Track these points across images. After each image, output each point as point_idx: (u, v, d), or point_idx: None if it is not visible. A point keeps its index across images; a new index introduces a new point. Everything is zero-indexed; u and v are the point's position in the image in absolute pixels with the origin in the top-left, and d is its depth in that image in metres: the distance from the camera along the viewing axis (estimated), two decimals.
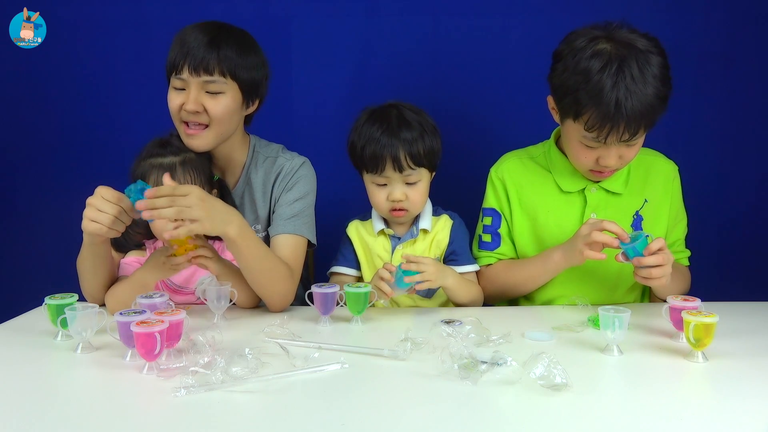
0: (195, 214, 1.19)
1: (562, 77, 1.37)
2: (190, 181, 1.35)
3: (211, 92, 1.41)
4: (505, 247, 1.60)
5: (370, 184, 1.53)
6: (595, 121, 1.32)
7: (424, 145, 1.48)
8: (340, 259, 1.61)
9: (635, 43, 1.33)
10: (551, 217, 1.56)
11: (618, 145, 1.38)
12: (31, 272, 2.13)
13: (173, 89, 1.43)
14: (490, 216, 1.61)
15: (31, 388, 1.01)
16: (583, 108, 1.33)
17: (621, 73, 1.29)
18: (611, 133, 1.33)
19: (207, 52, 1.38)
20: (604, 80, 1.30)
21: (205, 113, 1.41)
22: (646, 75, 1.30)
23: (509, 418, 0.91)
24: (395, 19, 2.07)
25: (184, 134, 1.44)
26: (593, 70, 1.31)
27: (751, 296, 1.45)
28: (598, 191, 1.54)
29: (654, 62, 1.32)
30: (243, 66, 1.43)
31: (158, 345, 1.01)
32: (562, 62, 1.38)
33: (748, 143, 2.10)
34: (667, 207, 1.57)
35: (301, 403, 0.96)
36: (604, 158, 1.40)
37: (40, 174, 2.16)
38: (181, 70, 1.39)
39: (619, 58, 1.30)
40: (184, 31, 1.43)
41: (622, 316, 1.13)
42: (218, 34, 1.41)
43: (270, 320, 1.31)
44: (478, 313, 1.43)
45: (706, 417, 0.92)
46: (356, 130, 1.52)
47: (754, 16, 2.04)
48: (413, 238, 1.56)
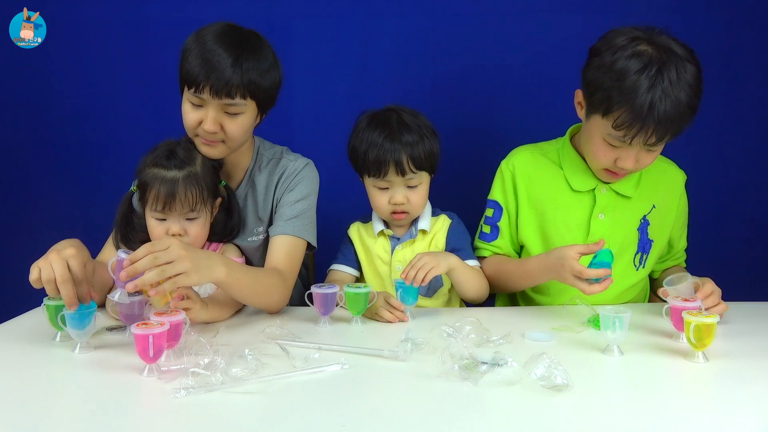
0: (180, 267, 1.11)
1: (597, 73, 1.37)
2: (192, 197, 1.34)
3: (230, 113, 1.38)
4: (502, 241, 1.60)
5: (371, 188, 1.54)
6: (625, 120, 1.32)
7: (425, 149, 1.49)
8: (340, 258, 1.62)
9: (675, 49, 1.33)
10: (559, 214, 1.56)
11: (641, 148, 1.37)
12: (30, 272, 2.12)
13: (190, 104, 1.39)
14: (492, 208, 1.62)
15: (30, 389, 1.01)
16: (615, 105, 1.32)
17: (660, 75, 1.29)
18: (639, 134, 1.32)
19: (231, 74, 1.33)
20: (641, 81, 1.29)
21: (221, 132, 1.39)
22: (682, 82, 1.31)
23: (510, 418, 0.91)
24: (395, 19, 2.07)
25: (200, 144, 1.42)
26: (631, 70, 1.31)
27: (751, 296, 1.44)
28: (608, 192, 1.54)
29: (690, 71, 1.32)
30: (263, 84, 1.39)
31: (153, 348, 1.02)
32: (599, 57, 1.37)
33: (748, 143, 2.10)
34: (674, 215, 1.58)
35: (301, 404, 0.96)
36: (622, 160, 1.40)
37: (41, 174, 2.16)
38: (201, 90, 1.34)
39: (660, 61, 1.30)
40: (203, 42, 1.36)
41: (622, 316, 1.13)
42: (241, 53, 1.35)
43: (270, 321, 1.31)
44: (479, 313, 1.43)
45: (706, 417, 0.92)
46: (357, 135, 1.53)
47: (754, 16, 2.04)
48: (412, 239, 1.57)
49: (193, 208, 1.36)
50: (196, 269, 1.14)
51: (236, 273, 1.27)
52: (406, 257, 1.55)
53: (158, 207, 1.34)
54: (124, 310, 1.16)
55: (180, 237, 1.35)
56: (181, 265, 1.12)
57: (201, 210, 1.38)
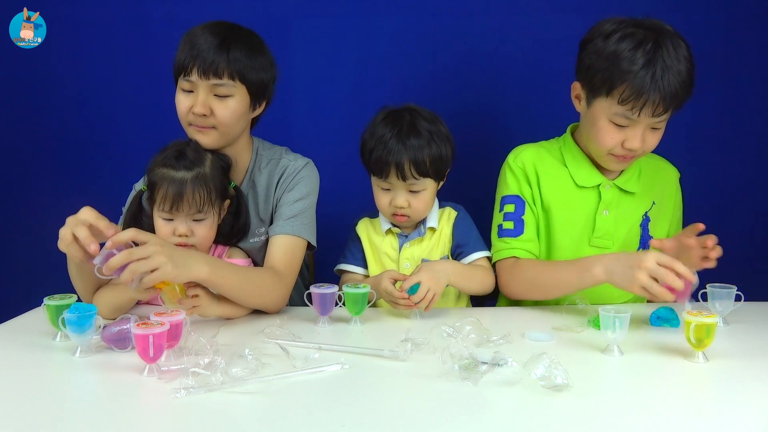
0: (154, 262, 1.13)
1: (592, 57, 1.40)
2: (199, 198, 1.34)
3: (219, 95, 1.40)
4: (529, 234, 1.55)
5: (375, 186, 1.54)
6: (631, 92, 1.34)
7: (431, 154, 1.46)
8: (348, 257, 1.61)
9: (664, 26, 1.38)
10: (564, 211, 1.55)
11: (647, 122, 1.38)
12: (30, 272, 2.13)
13: (181, 91, 1.42)
14: (512, 203, 1.56)
15: (30, 389, 1.01)
16: (617, 81, 1.35)
17: (658, 49, 1.34)
18: (646, 105, 1.34)
19: (216, 54, 1.37)
20: (638, 56, 1.33)
21: (212, 116, 1.40)
22: (679, 55, 1.35)
23: (510, 418, 0.91)
24: (395, 19, 2.07)
25: (194, 132, 1.43)
26: (626, 49, 1.35)
27: (751, 296, 1.44)
28: (612, 188, 1.53)
29: (683, 45, 1.37)
30: (252, 68, 1.42)
31: (154, 349, 1.02)
32: (592, 44, 1.41)
33: (747, 144, 2.10)
34: (671, 211, 1.58)
35: (301, 404, 0.96)
36: (630, 140, 1.40)
37: (41, 174, 2.16)
38: (189, 73, 1.38)
39: (654, 37, 1.35)
40: (193, 31, 1.42)
41: (622, 316, 1.13)
42: (228, 36, 1.40)
43: (270, 321, 1.31)
44: (479, 313, 1.43)
45: (706, 417, 0.92)
46: (370, 129, 1.52)
47: (754, 17, 2.04)
48: (420, 237, 1.56)
49: (201, 210, 1.36)
50: (172, 264, 1.16)
51: (222, 271, 1.28)
52: (414, 255, 1.55)
53: (166, 207, 1.34)
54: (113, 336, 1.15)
55: (186, 238, 1.36)
56: (156, 260, 1.14)
57: (208, 211, 1.38)
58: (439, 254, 1.56)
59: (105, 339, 1.15)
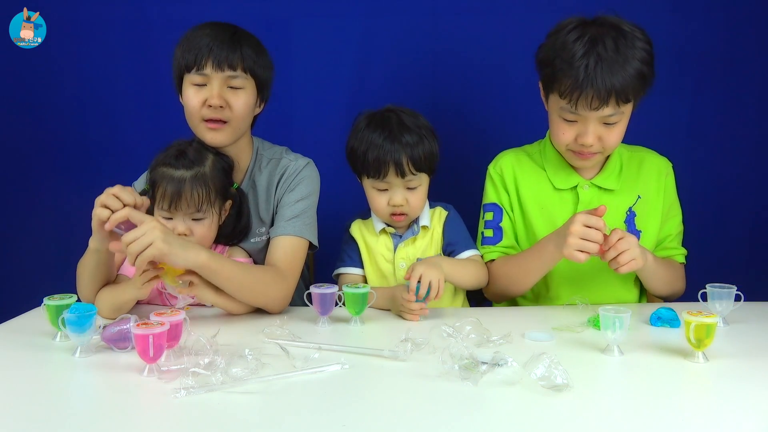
0: (148, 238, 1.18)
1: (543, 51, 1.43)
2: (198, 197, 1.35)
3: (233, 87, 1.42)
4: (507, 241, 1.59)
5: (370, 189, 1.53)
6: (567, 86, 1.36)
7: (425, 150, 1.48)
8: (346, 260, 1.60)
9: (620, 25, 1.38)
10: (544, 213, 1.56)
11: (595, 117, 1.38)
12: (30, 272, 2.13)
13: (192, 86, 1.42)
14: (491, 211, 1.61)
15: (30, 389, 1.01)
16: (558, 73, 1.37)
17: (594, 44, 1.35)
18: (581, 99, 1.35)
19: (230, 48, 1.40)
20: (576, 48, 1.35)
21: (227, 108, 1.41)
22: (621, 49, 1.34)
23: (510, 418, 0.91)
24: (395, 19, 2.07)
25: (205, 130, 1.43)
26: (569, 41, 1.37)
27: (751, 296, 1.44)
28: (590, 188, 1.54)
29: (637, 45, 1.36)
30: (259, 65, 1.46)
31: (154, 348, 1.02)
32: (547, 40, 1.44)
33: (747, 144, 2.10)
34: (660, 203, 1.57)
35: (301, 404, 0.96)
36: (582, 135, 1.41)
37: (40, 174, 2.16)
38: (203, 66, 1.39)
39: (596, 33, 1.36)
40: (200, 29, 1.43)
41: (622, 316, 1.13)
42: (236, 32, 1.44)
43: (270, 321, 1.31)
44: (479, 313, 1.43)
45: (706, 417, 0.92)
46: (356, 135, 1.52)
47: (754, 17, 2.04)
48: (414, 236, 1.56)
49: (200, 209, 1.36)
50: (166, 242, 1.19)
51: (220, 261, 1.30)
52: (409, 254, 1.55)
53: (165, 205, 1.35)
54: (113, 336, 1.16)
55: (185, 237, 1.36)
56: (149, 236, 1.18)
57: (208, 211, 1.38)
58: (433, 253, 1.56)
59: (105, 339, 1.15)
